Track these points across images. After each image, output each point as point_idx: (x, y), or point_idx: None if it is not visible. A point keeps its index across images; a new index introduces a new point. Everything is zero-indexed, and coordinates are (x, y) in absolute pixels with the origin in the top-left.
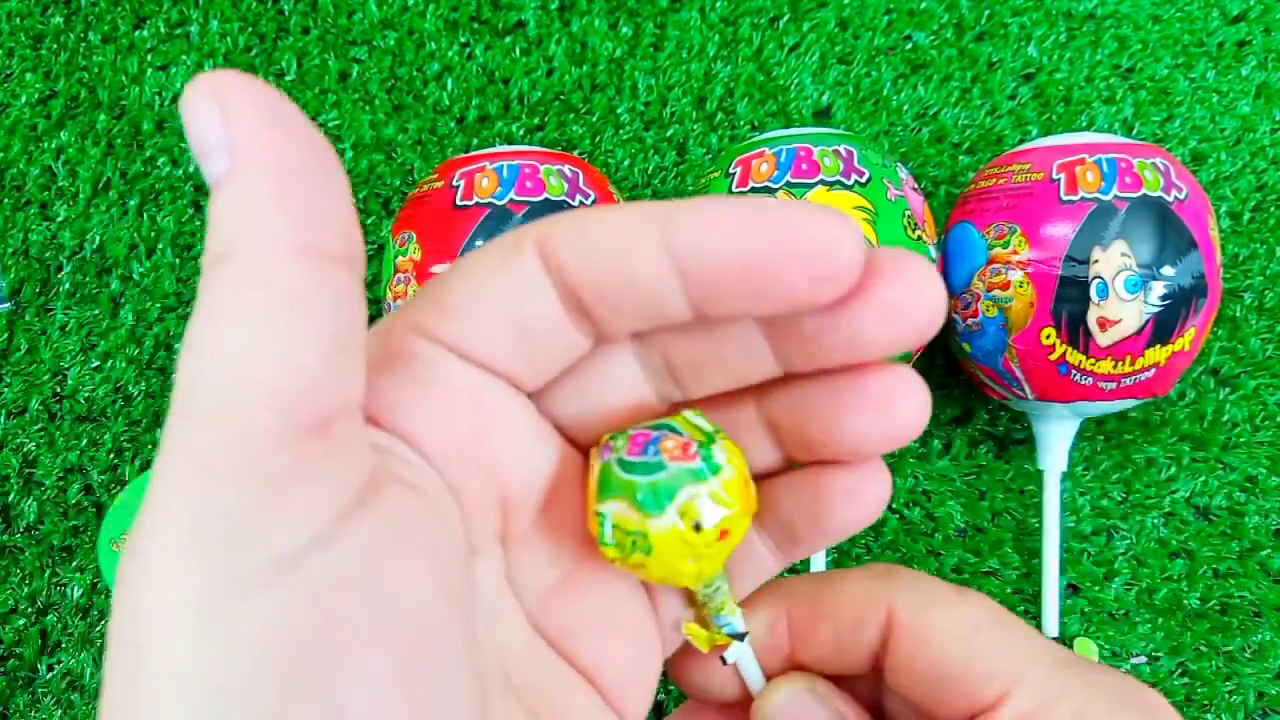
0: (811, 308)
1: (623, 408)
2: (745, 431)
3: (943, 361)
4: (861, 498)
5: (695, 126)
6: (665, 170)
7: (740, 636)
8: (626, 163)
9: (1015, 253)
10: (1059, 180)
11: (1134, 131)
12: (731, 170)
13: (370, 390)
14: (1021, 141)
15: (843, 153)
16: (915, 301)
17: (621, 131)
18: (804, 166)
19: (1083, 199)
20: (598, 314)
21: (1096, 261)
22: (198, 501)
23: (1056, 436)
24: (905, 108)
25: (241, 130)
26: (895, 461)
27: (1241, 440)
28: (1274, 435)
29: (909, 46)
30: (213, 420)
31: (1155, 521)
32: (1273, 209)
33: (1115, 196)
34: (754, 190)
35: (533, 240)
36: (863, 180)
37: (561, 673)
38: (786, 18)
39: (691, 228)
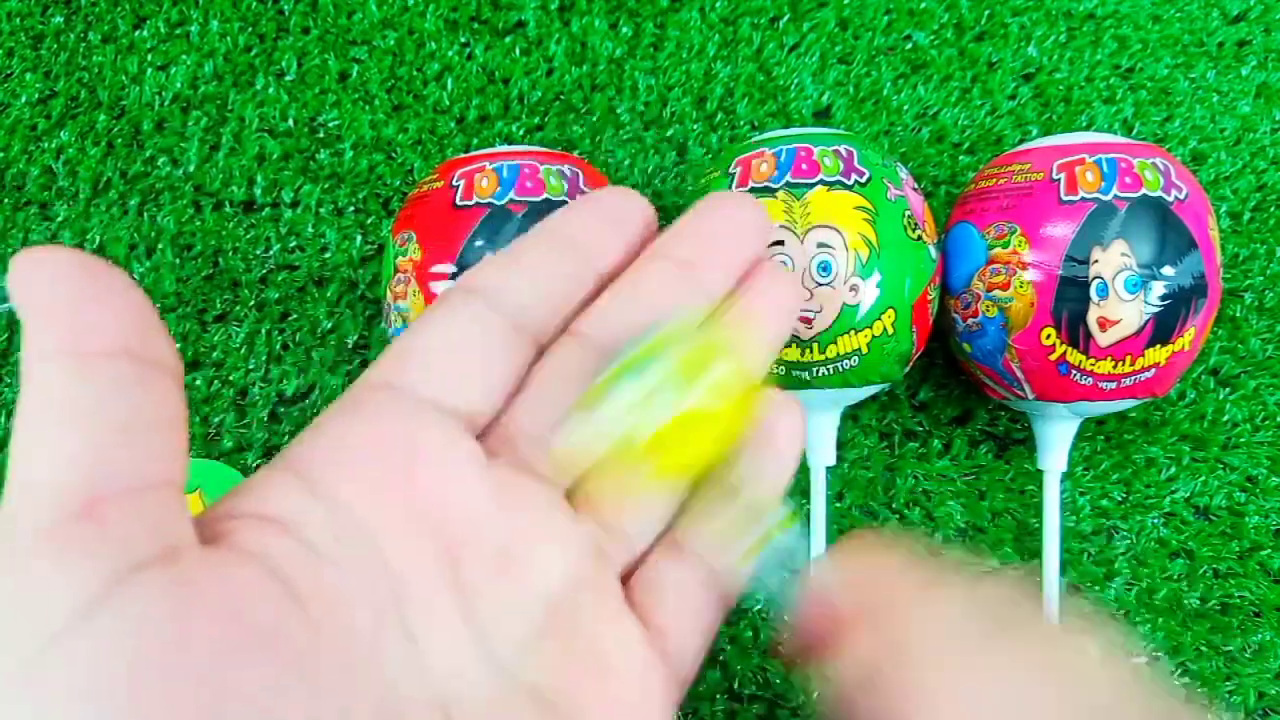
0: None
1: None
2: None
3: (943, 361)
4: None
5: (695, 126)
6: (665, 170)
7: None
8: (626, 163)
9: (1015, 253)
10: (1059, 180)
11: (1134, 131)
12: (731, 170)
13: (302, 443)
14: (1021, 141)
15: (843, 152)
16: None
17: (621, 131)
18: (804, 166)
19: (1083, 199)
20: (543, 315)
21: (1096, 261)
22: None
23: (1056, 436)
24: (905, 108)
25: (17, 279)
26: (895, 461)
27: (1241, 440)
28: (1274, 435)
29: (909, 46)
30: None
31: (1155, 521)
32: (1273, 209)
33: (1115, 196)
34: (754, 190)
35: (469, 286)
36: (863, 180)
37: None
38: (786, 18)
39: (591, 223)
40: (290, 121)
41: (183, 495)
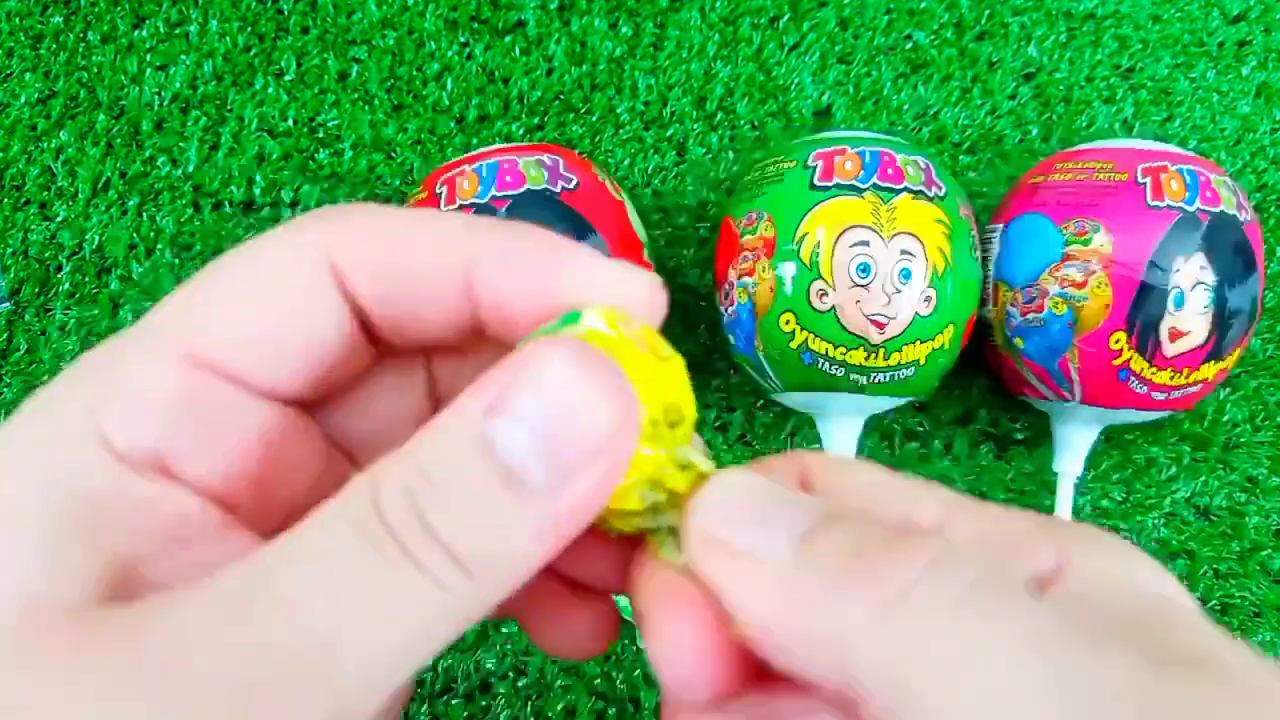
0: None
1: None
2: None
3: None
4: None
5: (695, 126)
6: (665, 170)
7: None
8: (626, 162)
9: (1097, 251)
10: (1145, 184)
11: (1134, 131)
12: (811, 163)
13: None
14: (1021, 141)
15: (921, 164)
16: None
17: (621, 131)
18: (890, 171)
19: (1169, 206)
20: (383, 336)
21: (1178, 271)
22: None
23: (1078, 442)
24: (905, 108)
25: None
26: (896, 461)
27: (1242, 440)
28: (1274, 435)
29: (909, 46)
30: None
31: (1156, 522)
32: (1273, 209)
33: (1198, 209)
34: (839, 188)
35: (322, 251)
36: (941, 194)
37: None
38: (786, 18)
39: (498, 273)
40: (290, 121)
41: None
